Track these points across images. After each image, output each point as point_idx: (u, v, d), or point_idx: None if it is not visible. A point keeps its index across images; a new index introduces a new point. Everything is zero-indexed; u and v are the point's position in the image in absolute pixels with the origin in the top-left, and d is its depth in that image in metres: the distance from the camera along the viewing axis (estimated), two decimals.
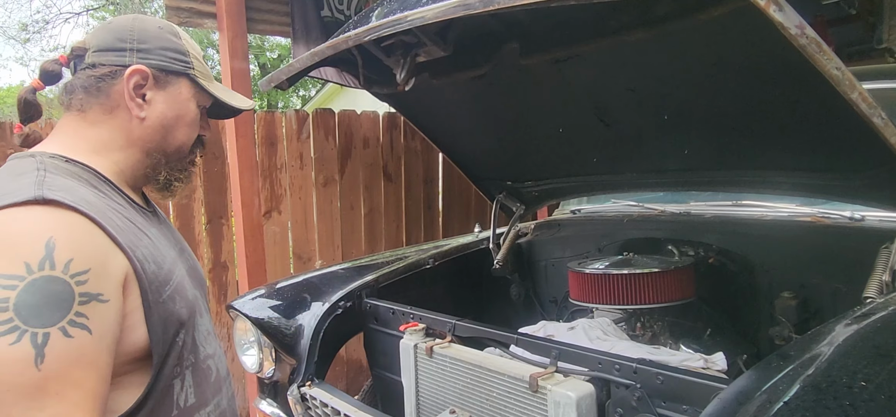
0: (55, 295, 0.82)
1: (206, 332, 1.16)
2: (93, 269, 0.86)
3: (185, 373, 1.06)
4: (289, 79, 1.69)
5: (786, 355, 1.10)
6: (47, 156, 0.99)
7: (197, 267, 1.25)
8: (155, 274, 0.99)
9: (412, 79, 1.52)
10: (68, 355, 0.82)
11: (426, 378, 1.72)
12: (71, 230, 0.87)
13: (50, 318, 0.81)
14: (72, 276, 0.84)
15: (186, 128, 1.11)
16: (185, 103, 1.10)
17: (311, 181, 3.69)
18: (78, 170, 1.00)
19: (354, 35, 1.35)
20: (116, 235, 0.92)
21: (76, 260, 0.85)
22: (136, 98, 1.05)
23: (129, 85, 1.04)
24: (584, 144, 2.10)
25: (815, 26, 1.16)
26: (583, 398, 1.32)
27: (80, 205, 0.90)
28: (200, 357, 1.11)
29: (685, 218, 2.20)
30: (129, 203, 1.06)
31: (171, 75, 1.08)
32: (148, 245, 1.01)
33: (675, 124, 1.79)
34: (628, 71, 1.68)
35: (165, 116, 1.08)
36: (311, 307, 1.99)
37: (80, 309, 0.84)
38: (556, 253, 2.54)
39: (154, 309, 0.97)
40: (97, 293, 0.86)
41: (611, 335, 1.81)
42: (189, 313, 1.07)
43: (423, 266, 2.35)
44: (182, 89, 1.10)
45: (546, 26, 1.58)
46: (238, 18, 2.88)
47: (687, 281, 1.90)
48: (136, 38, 1.07)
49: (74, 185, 0.95)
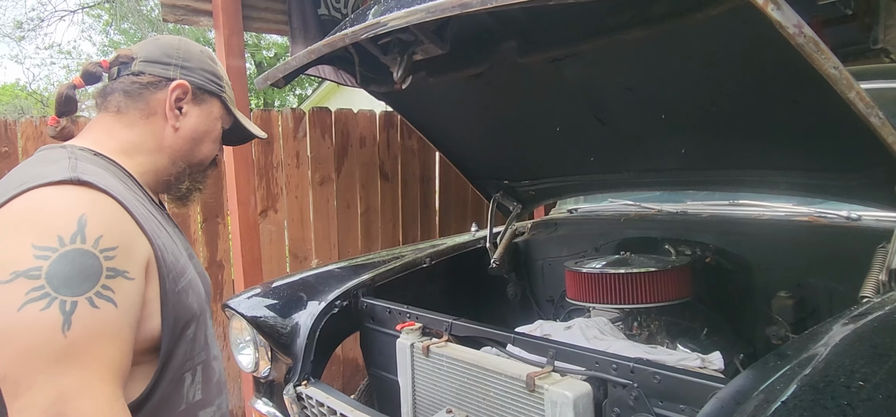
0: (85, 267, 0.87)
1: (213, 334, 1.22)
2: (120, 247, 0.92)
3: (197, 369, 1.10)
4: (285, 77, 1.68)
5: (783, 354, 1.10)
6: (78, 148, 1.06)
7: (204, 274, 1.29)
8: (173, 265, 1.04)
9: (409, 77, 1.51)
10: (94, 325, 0.86)
11: (423, 378, 1.71)
12: (102, 209, 0.93)
13: (79, 288, 0.85)
14: (101, 251, 0.89)
15: (211, 143, 1.21)
16: (215, 121, 1.20)
17: (308, 180, 3.68)
18: (105, 163, 1.07)
19: (351, 32, 1.35)
20: (142, 222, 0.98)
21: (105, 236, 0.90)
22: (174, 108, 1.14)
23: (171, 96, 1.14)
24: (582, 143, 2.09)
25: (811, 26, 1.16)
26: (580, 397, 1.32)
27: (110, 190, 0.96)
28: (211, 355, 1.16)
29: (682, 218, 2.19)
30: (149, 200, 1.13)
31: (206, 94, 1.18)
32: (166, 238, 1.06)
33: (673, 123, 1.79)
34: (626, 70, 1.67)
35: (196, 130, 1.17)
36: (307, 306, 1.99)
37: (107, 283, 0.88)
38: (553, 252, 2.54)
39: (170, 298, 1.02)
40: (124, 270, 0.91)
41: (608, 334, 1.81)
42: (200, 309, 1.12)
43: (420, 265, 2.35)
44: (213, 108, 1.20)
45: (544, 25, 1.58)
46: (234, 16, 2.86)
47: (684, 281, 1.90)
48: (181, 56, 1.17)
49: (103, 173, 1.01)
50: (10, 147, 2.94)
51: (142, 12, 13.62)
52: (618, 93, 1.79)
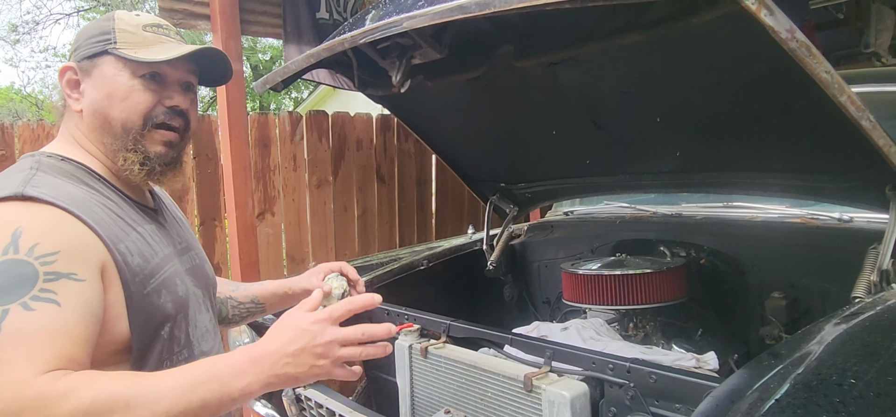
0: (18, 275, 0.87)
1: (204, 329, 1.18)
2: (62, 252, 0.91)
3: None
4: (283, 81, 1.69)
5: (777, 354, 1.12)
6: (45, 155, 1.07)
7: (203, 266, 1.28)
8: (140, 267, 1.02)
9: (408, 81, 1.53)
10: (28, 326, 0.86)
11: (421, 379, 1.73)
12: (40, 220, 0.93)
13: (11, 295, 0.86)
14: (36, 258, 0.89)
15: (121, 103, 1.08)
16: (112, 79, 1.08)
17: (305, 183, 3.69)
18: (72, 168, 1.06)
19: (350, 37, 1.36)
20: (97, 227, 0.97)
21: (42, 244, 0.90)
22: (71, 94, 1.10)
23: (62, 84, 1.10)
24: (578, 146, 2.11)
25: (803, 31, 1.18)
26: (577, 397, 1.33)
27: (60, 200, 0.96)
28: (195, 353, 1.13)
29: (677, 220, 2.22)
30: (122, 198, 1.09)
31: (94, 59, 1.08)
32: (135, 239, 1.04)
33: (668, 126, 1.81)
34: (621, 73, 1.69)
35: (95, 100, 1.08)
36: None
37: (47, 286, 0.88)
38: (550, 254, 2.56)
39: (136, 300, 1.00)
40: (69, 272, 0.91)
41: (604, 335, 1.83)
42: (177, 308, 1.08)
43: (417, 267, 2.36)
44: (104, 68, 1.08)
45: (540, 29, 1.60)
46: (231, 20, 2.87)
47: (679, 282, 1.92)
48: (76, 41, 1.12)
49: (61, 183, 1.00)
50: (7, 150, 2.94)
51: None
52: (613, 97, 1.81)
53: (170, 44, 1.11)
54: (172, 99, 1.12)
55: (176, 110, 1.12)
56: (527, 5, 0.97)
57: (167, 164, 1.13)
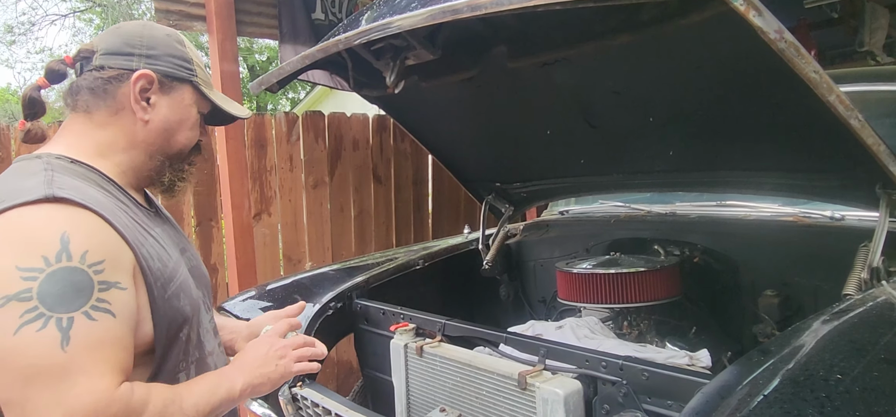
0: (75, 283, 0.89)
1: (207, 329, 1.21)
2: (107, 260, 0.94)
3: (191, 368, 1.12)
4: (279, 82, 1.70)
5: (766, 350, 1.13)
6: (54, 157, 1.04)
7: (200, 265, 1.30)
8: (160, 271, 1.05)
9: (402, 82, 1.54)
10: (93, 336, 0.89)
11: (416, 378, 1.74)
12: (82, 225, 0.94)
13: (73, 304, 0.88)
14: (89, 266, 0.91)
15: (188, 131, 1.17)
16: (188, 108, 1.15)
17: (301, 183, 3.69)
18: (83, 170, 1.05)
19: (344, 38, 1.37)
20: (124, 232, 0.99)
21: (91, 251, 0.92)
22: (140, 101, 1.10)
23: (135, 88, 1.09)
24: (572, 146, 2.12)
25: (798, 30, 1.20)
26: (570, 394, 1.35)
27: (89, 203, 0.96)
28: (205, 352, 1.17)
29: (671, 219, 2.23)
30: (133, 203, 1.12)
31: (175, 81, 1.13)
32: (152, 243, 1.07)
33: (661, 126, 1.83)
34: (614, 74, 1.71)
35: (168, 120, 1.12)
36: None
37: (102, 296, 0.91)
38: (545, 253, 2.57)
39: (159, 304, 1.03)
40: (116, 281, 0.94)
41: (598, 333, 1.84)
42: (193, 310, 1.12)
43: (414, 267, 2.37)
44: (185, 95, 1.15)
45: (533, 29, 1.61)
46: (228, 21, 2.88)
47: (672, 280, 1.93)
48: (144, 44, 1.11)
49: (82, 185, 1.01)
50: (4, 151, 2.94)
51: (134, 16, 13.58)
52: (606, 97, 1.82)
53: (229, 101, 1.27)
54: (204, 135, 1.25)
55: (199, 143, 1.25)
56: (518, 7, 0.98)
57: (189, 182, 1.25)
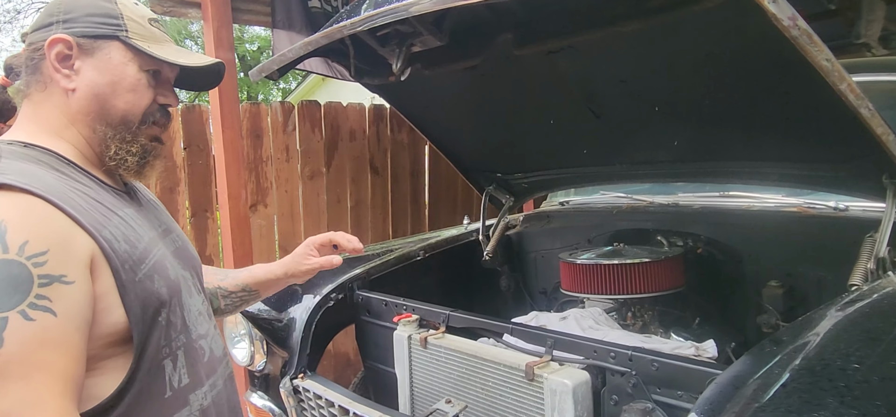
0: (11, 277, 0.81)
1: (197, 313, 1.15)
2: (51, 250, 0.85)
3: (177, 354, 1.05)
4: (280, 70, 1.67)
5: (778, 340, 1.12)
6: (5, 143, 0.98)
7: (186, 247, 1.24)
8: (127, 253, 0.97)
9: (408, 69, 1.51)
10: (31, 337, 0.81)
11: (420, 369, 1.72)
12: (25, 211, 0.85)
13: (7, 302, 0.80)
14: (28, 258, 0.82)
15: (126, 93, 1.04)
16: (120, 68, 1.03)
17: (298, 174, 3.66)
18: (37, 153, 0.98)
19: (349, 24, 1.34)
20: (78, 216, 0.91)
21: (32, 241, 0.83)
22: (61, 69, 1.01)
23: (50, 56, 1.00)
24: (575, 136, 2.11)
25: None
26: (579, 385, 1.34)
27: (36, 188, 0.88)
28: (192, 337, 1.10)
29: (674, 209, 2.22)
30: (97, 183, 1.03)
31: (99, 40, 1.02)
32: (118, 224, 0.99)
33: (666, 116, 1.81)
34: (620, 62, 1.69)
35: (96, 84, 1.02)
36: (302, 299, 1.98)
37: (41, 292, 0.82)
38: (546, 244, 2.56)
39: (129, 288, 0.96)
40: (60, 274, 0.85)
41: (602, 324, 1.83)
42: (171, 292, 1.05)
43: (414, 258, 2.35)
44: (112, 53, 1.03)
45: (540, 17, 1.59)
46: (223, 8, 2.83)
47: (676, 271, 1.93)
48: (62, 10, 1.02)
49: (32, 168, 0.93)
50: None
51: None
52: (612, 86, 1.80)
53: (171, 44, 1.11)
54: (167, 98, 1.10)
55: (166, 109, 1.11)
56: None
57: (156, 158, 1.11)
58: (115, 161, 1.05)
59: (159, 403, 1.01)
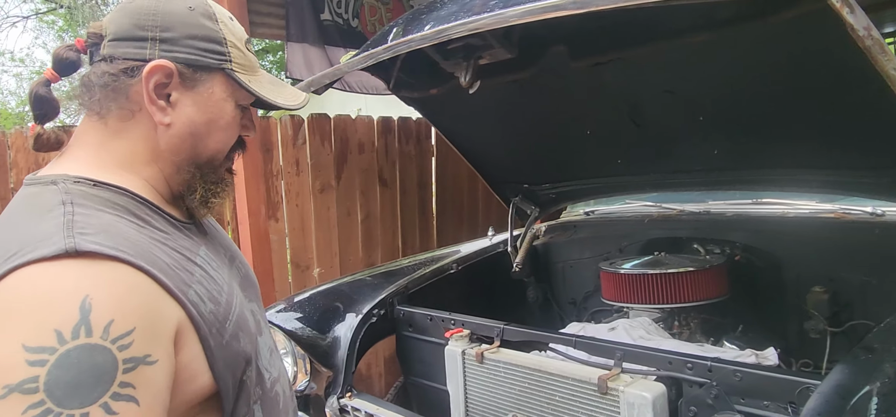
0: (95, 367, 0.69)
1: (269, 352, 1.03)
2: (138, 328, 0.73)
3: (254, 409, 0.94)
4: (328, 84, 1.64)
5: (869, 348, 1.13)
6: (71, 181, 0.83)
7: (249, 274, 1.13)
8: (213, 314, 0.86)
9: (477, 81, 1.50)
10: None
11: (476, 385, 1.70)
12: (111, 284, 0.73)
13: (88, 396, 0.68)
14: (113, 341, 0.70)
15: (221, 132, 0.91)
16: (220, 104, 0.89)
17: (308, 187, 3.60)
18: (110, 195, 0.84)
19: (420, 37, 1.32)
20: (165, 279, 0.79)
21: (118, 320, 0.71)
22: (157, 100, 0.86)
23: (148, 85, 0.85)
24: (612, 146, 2.12)
25: None
26: (657, 397, 1.33)
27: (122, 252, 0.75)
28: (267, 387, 0.99)
29: (707, 217, 2.24)
30: (170, 223, 0.90)
31: (201, 72, 0.87)
32: (201, 278, 0.87)
33: (710, 125, 1.83)
34: (669, 73, 1.70)
35: (194, 122, 0.88)
36: (345, 317, 1.94)
37: (125, 379, 0.71)
38: (574, 254, 2.56)
39: (217, 354, 0.85)
40: (145, 355, 0.73)
41: (654, 334, 1.83)
42: (254, 347, 0.94)
43: (448, 271, 2.33)
44: (215, 88, 0.88)
45: (594, 29, 1.59)
46: (240, 22, 2.79)
47: (722, 279, 1.94)
48: (158, 24, 0.86)
49: (112, 222, 0.81)
50: (0, 159, 2.79)
51: (99, 17, 13.16)
52: (658, 96, 1.81)
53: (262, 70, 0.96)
54: (248, 129, 0.96)
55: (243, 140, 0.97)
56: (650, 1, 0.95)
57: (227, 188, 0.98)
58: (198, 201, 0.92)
59: None
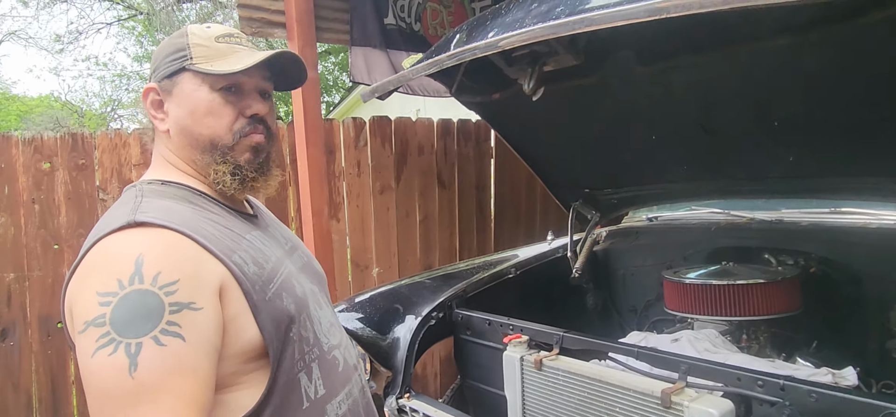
0: (145, 307, 0.87)
1: (328, 324, 1.17)
2: (182, 280, 0.90)
3: (312, 367, 1.08)
4: (394, 89, 1.67)
5: None
6: (146, 182, 1.08)
7: (312, 262, 1.28)
8: (257, 275, 1.01)
9: (541, 88, 1.49)
10: (161, 362, 0.86)
11: (534, 392, 1.69)
12: (158, 245, 0.93)
13: (142, 328, 0.86)
14: (160, 288, 0.88)
15: (205, 118, 1.06)
16: (192, 95, 1.06)
17: (369, 188, 3.68)
18: (173, 189, 1.06)
19: (484, 44, 1.33)
20: (209, 244, 0.96)
21: (164, 273, 0.90)
22: (156, 114, 1.09)
23: (146, 105, 1.10)
24: (677, 151, 2.06)
25: None
26: (725, 415, 1.28)
27: (169, 222, 0.95)
28: (324, 349, 1.12)
29: (780, 227, 2.14)
30: (226, 210, 1.09)
31: (173, 77, 1.07)
32: (247, 247, 1.04)
33: (785, 131, 1.75)
34: (744, 77, 1.64)
35: (180, 118, 1.06)
36: (405, 319, 1.98)
37: (172, 319, 0.88)
38: (636, 261, 2.50)
39: (260, 307, 0.99)
40: (189, 302, 0.90)
41: (720, 347, 1.77)
42: (299, 308, 1.07)
43: (506, 275, 2.32)
44: (184, 85, 1.06)
45: (665, 32, 1.55)
46: (308, 28, 2.88)
47: (795, 292, 1.85)
48: (154, 61, 1.11)
49: (169, 204, 1.01)
50: (87, 159, 2.99)
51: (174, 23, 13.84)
52: (729, 101, 1.75)
53: (243, 52, 1.09)
54: (251, 107, 1.09)
55: (256, 118, 1.09)
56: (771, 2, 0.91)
57: (257, 171, 1.10)
58: (218, 183, 1.08)
59: (298, 414, 1.04)
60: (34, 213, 2.86)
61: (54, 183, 2.91)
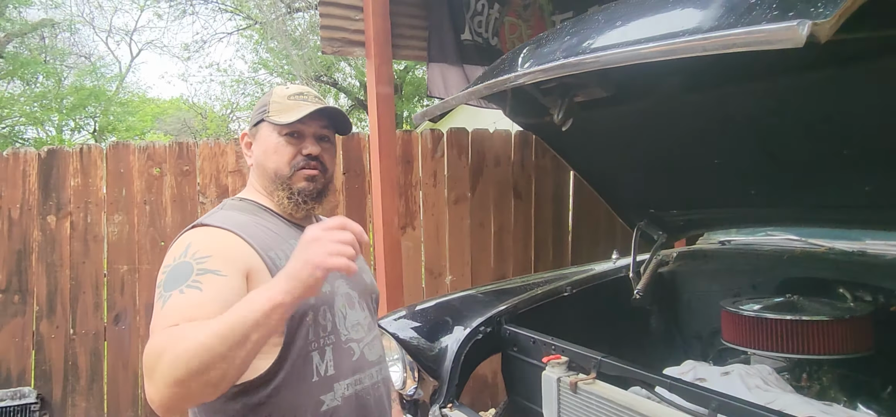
0: (181, 270, 1.15)
1: (354, 322, 1.37)
2: (214, 255, 1.17)
3: (326, 349, 1.29)
4: (443, 114, 1.75)
5: None
6: (233, 198, 1.44)
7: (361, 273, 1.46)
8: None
9: (570, 120, 1.51)
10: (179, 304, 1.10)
11: (569, 414, 1.70)
12: (205, 237, 1.23)
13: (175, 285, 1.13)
14: (194, 258, 1.17)
15: (271, 155, 1.37)
16: (266, 139, 1.38)
17: (444, 198, 3.80)
18: (244, 204, 1.39)
19: (513, 77, 1.38)
20: (250, 239, 1.24)
21: (201, 250, 1.18)
22: (247, 153, 1.45)
23: (242, 147, 1.46)
24: (744, 176, 1.97)
25: None
26: None
27: (223, 224, 1.26)
28: (342, 338, 1.33)
29: (860, 259, 1.98)
30: (281, 220, 1.37)
31: (258, 126, 1.41)
32: (287, 249, 1.25)
33: (858, 159, 1.63)
34: (807, 105, 1.55)
35: (257, 156, 1.41)
36: (453, 330, 2.05)
37: (197, 279, 1.13)
38: (703, 286, 2.41)
39: None
40: (216, 269, 1.15)
41: (773, 385, 1.68)
42: (320, 301, 1.29)
43: (561, 293, 2.33)
44: (262, 132, 1.39)
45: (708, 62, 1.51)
46: (385, 46, 3.04)
47: (865, 332, 1.72)
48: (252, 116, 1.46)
49: (232, 214, 1.33)
50: (190, 165, 3.35)
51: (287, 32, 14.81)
52: (793, 127, 1.66)
53: (304, 106, 1.36)
54: (307, 148, 1.38)
55: (311, 156, 1.38)
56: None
57: (310, 196, 1.38)
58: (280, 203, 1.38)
59: (308, 384, 1.25)
60: (145, 213, 3.25)
61: (162, 186, 3.29)
